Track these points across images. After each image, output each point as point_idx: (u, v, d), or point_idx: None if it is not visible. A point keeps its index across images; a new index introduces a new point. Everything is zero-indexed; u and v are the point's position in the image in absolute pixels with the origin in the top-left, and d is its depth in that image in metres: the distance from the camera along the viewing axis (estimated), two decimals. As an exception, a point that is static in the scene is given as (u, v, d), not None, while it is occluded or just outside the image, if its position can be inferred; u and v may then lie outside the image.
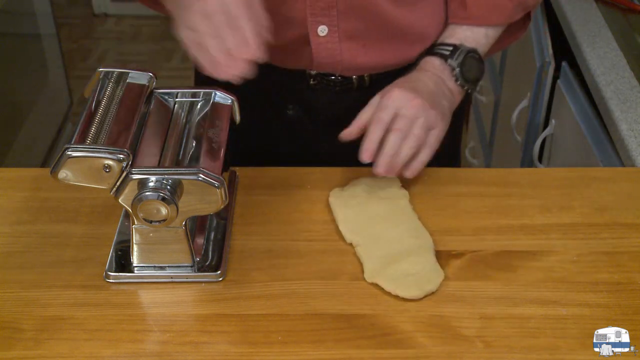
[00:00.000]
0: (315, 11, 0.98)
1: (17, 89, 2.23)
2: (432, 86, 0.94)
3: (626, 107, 1.25)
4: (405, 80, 0.94)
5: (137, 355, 0.76)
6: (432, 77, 0.96)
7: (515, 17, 1.02)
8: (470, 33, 1.00)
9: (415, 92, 0.90)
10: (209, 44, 0.80)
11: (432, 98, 0.91)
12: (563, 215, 0.93)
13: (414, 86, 0.92)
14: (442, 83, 0.96)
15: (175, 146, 0.84)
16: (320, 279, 0.84)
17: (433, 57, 0.98)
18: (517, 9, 1.01)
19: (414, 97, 0.90)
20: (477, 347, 0.76)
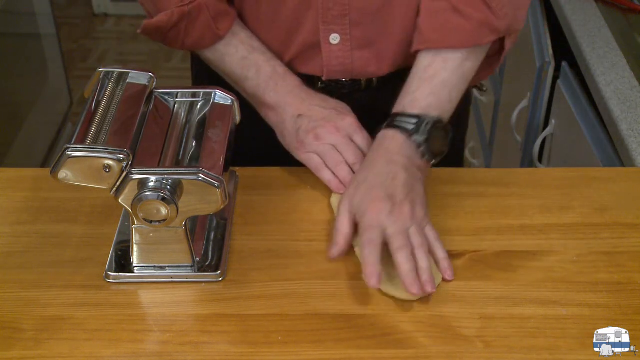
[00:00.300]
0: (327, 19, 0.97)
1: (17, 89, 2.23)
2: (404, 177, 0.87)
3: (626, 107, 1.25)
4: (376, 184, 0.86)
5: (137, 355, 0.76)
6: (400, 161, 0.88)
7: (480, 40, 0.93)
8: (434, 99, 0.91)
9: (393, 201, 0.84)
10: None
11: (409, 194, 0.86)
12: (563, 215, 0.93)
13: (389, 191, 0.85)
14: (410, 164, 0.88)
15: (175, 146, 0.84)
16: (320, 279, 0.84)
17: (396, 133, 0.90)
18: (480, 30, 0.92)
19: (394, 209, 0.84)
20: (477, 347, 0.76)
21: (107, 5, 3.61)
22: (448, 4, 0.92)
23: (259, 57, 1.00)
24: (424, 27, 0.93)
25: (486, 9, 0.91)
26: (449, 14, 0.92)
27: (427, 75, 0.92)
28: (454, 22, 0.92)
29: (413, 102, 0.91)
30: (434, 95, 0.91)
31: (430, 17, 0.93)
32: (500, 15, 0.91)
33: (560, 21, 1.60)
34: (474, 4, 0.91)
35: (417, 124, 0.89)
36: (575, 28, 1.51)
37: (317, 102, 0.98)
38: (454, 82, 0.92)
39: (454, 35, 0.92)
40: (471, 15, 0.91)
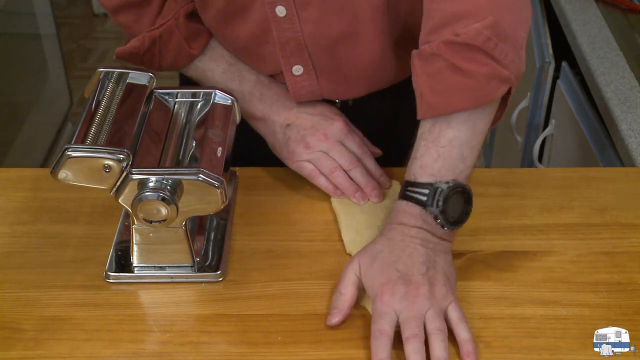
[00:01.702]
0: (286, 53, 0.96)
1: (17, 89, 2.23)
2: (423, 253, 0.79)
3: (626, 107, 1.25)
4: (391, 261, 0.79)
5: (137, 356, 0.76)
6: (418, 234, 0.81)
7: (492, 95, 0.82)
8: (444, 162, 0.81)
9: (408, 282, 0.77)
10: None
11: (428, 272, 0.78)
12: (563, 215, 0.93)
13: (404, 271, 0.78)
14: (430, 236, 0.81)
15: (175, 146, 0.84)
16: (320, 279, 0.84)
17: (410, 205, 0.82)
18: (489, 85, 0.81)
19: (409, 292, 0.77)
20: (477, 347, 0.76)
21: (107, 5, 3.60)
22: (446, 63, 0.81)
23: (242, 67, 1.00)
24: (426, 92, 0.82)
25: (490, 61, 0.80)
26: (449, 74, 0.81)
27: (432, 137, 0.82)
28: (457, 81, 0.81)
29: (422, 168, 0.82)
30: (443, 158, 0.81)
31: (430, 81, 0.82)
32: (506, 64, 0.81)
33: (560, 21, 1.60)
34: (475, 59, 0.80)
35: (430, 194, 0.80)
36: (575, 28, 1.51)
37: (304, 109, 0.98)
38: (463, 139, 0.82)
39: (461, 96, 0.81)
40: (474, 70, 0.80)
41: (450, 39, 0.80)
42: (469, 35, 0.80)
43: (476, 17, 0.80)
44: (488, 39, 0.80)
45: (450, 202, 0.80)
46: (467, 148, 0.82)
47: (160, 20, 0.97)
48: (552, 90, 1.61)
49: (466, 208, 0.82)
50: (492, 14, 0.80)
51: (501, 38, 0.80)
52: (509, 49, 0.81)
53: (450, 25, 0.81)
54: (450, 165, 0.81)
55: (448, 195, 0.80)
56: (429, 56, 0.82)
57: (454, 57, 0.80)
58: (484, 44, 0.80)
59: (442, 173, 0.81)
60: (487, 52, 0.80)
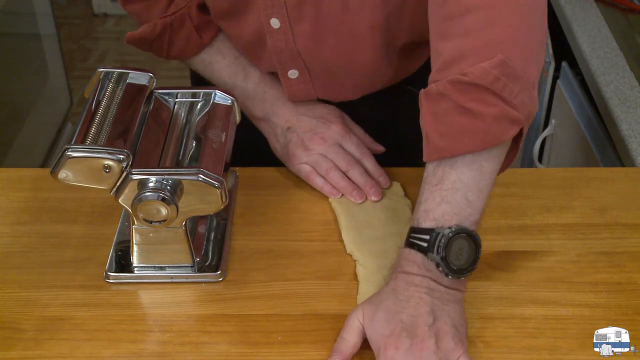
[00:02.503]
0: (282, 59, 0.96)
1: (17, 89, 2.23)
2: (429, 303, 0.74)
3: (626, 107, 1.25)
4: (395, 312, 0.74)
5: (137, 356, 0.76)
6: (422, 283, 0.76)
7: (502, 136, 0.77)
8: (447, 206, 0.76)
9: (413, 335, 0.72)
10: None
11: (434, 325, 0.73)
12: (563, 215, 0.93)
13: (409, 323, 0.73)
14: (434, 286, 0.76)
15: (175, 146, 0.84)
16: (320, 279, 0.84)
17: (413, 253, 0.77)
18: (498, 126, 0.76)
19: (414, 346, 0.72)
20: (477, 347, 0.76)
21: (107, 5, 3.61)
22: (453, 104, 0.76)
23: (247, 63, 1.00)
24: (432, 134, 0.78)
25: (498, 101, 0.75)
26: (456, 116, 0.76)
27: (436, 180, 0.78)
28: (465, 122, 0.76)
29: (426, 212, 0.77)
30: (447, 202, 0.76)
31: (436, 123, 0.78)
32: (516, 104, 0.76)
33: (560, 21, 1.60)
34: (483, 99, 0.76)
35: (431, 240, 0.75)
36: (575, 28, 1.51)
37: (303, 111, 0.99)
38: (468, 182, 0.77)
39: (468, 139, 0.76)
40: (482, 112, 0.76)
41: (457, 79, 0.76)
42: (476, 74, 0.75)
43: (484, 55, 0.75)
44: (497, 79, 0.75)
45: (453, 248, 0.75)
46: (474, 191, 0.77)
47: (173, 9, 0.98)
48: (552, 90, 1.61)
49: (473, 255, 0.76)
50: (502, 52, 0.75)
51: (511, 78, 0.76)
52: (519, 89, 0.76)
53: (458, 64, 0.76)
54: (454, 209, 0.76)
55: (450, 241, 0.75)
56: (435, 96, 0.78)
57: (461, 97, 0.76)
58: (492, 84, 0.75)
59: (445, 218, 0.76)
60: (495, 92, 0.75)
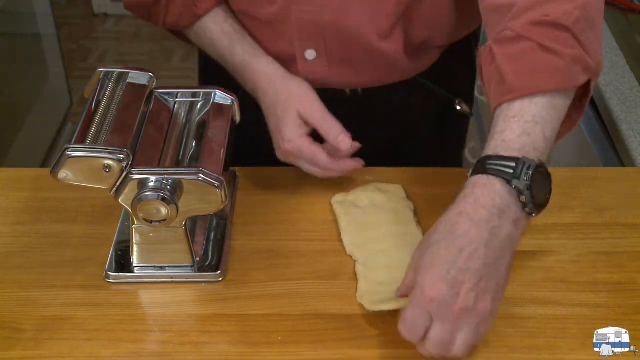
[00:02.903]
0: (302, 36, 0.96)
1: (17, 89, 2.23)
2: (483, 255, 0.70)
3: (626, 107, 1.25)
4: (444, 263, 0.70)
5: (137, 355, 0.76)
6: (488, 224, 0.71)
7: (576, 80, 0.77)
8: (528, 138, 0.74)
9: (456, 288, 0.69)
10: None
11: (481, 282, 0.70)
12: (563, 215, 0.93)
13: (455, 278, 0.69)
14: (500, 225, 0.71)
15: (175, 146, 0.84)
16: (320, 279, 0.84)
17: (492, 179, 0.73)
18: (574, 68, 0.77)
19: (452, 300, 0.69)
20: (477, 347, 0.76)
21: (107, 5, 3.61)
22: (532, 44, 0.76)
23: (240, 37, 0.99)
24: (508, 74, 0.77)
25: (577, 45, 0.76)
26: (536, 54, 0.76)
27: (513, 113, 0.75)
28: (544, 61, 0.76)
29: (505, 142, 0.74)
30: (527, 134, 0.74)
31: (512, 63, 0.77)
32: (590, 51, 0.77)
33: (560, 21, 1.60)
34: (563, 40, 0.76)
35: (517, 168, 0.72)
36: (575, 28, 1.50)
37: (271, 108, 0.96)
38: (546, 118, 0.75)
39: (546, 77, 0.76)
40: (562, 51, 0.76)
41: (539, 19, 0.77)
42: (559, 14, 0.76)
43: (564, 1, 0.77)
44: (578, 20, 0.76)
45: (536, 180, 0.72)
46: (549, 129, 0.75)
47: None
48: (552, 90, 1.61)
49: (548, 194, 0.74)
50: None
51: (589, 24, 0.77)
52: (594, 37, 0.78)
53: (540, 6, 0.77)
54: (534, 142, 0.74)
55: (535, 172, 0.72)
56: (511, 39, 0.78)
57: (542, 37, 0.76)
58: (573, 25, 0.76)
59: (526, 149, 0.73)
60: (575, 34, 0.76)
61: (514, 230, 0.72)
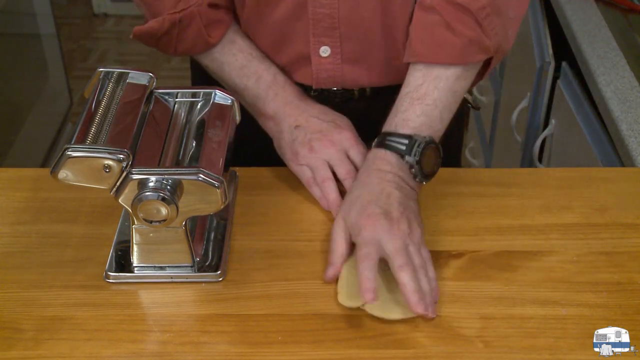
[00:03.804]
0: (317, 31, 0.96)
1: (17, 89, 2.23)
2: (398, 195, 0.85)
3: (626, 107, 1.25)
4: (371, 200, 0.84)
5: (137, 355, 0.76)
6: (393, 179, 0.87)
7: (470, 58, 0.91)
8: (425, 119, 0.89)
9: (390, 218, 0.82)
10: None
11: (405, 212, 0.84)
12: (563, 215, 0.93)
13: (385, 208, 0.83)
14: (403, 183, 0.87)
15: (175, 146, 0.84)
16: (320, 279, 0.84)
17: (388, 153, 0.88)
18: (470, 48, 0.89)
19: (392, 226, 0.81)
20: (477, 347, 0.76)
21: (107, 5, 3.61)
22: (440, 19, 0.89)
23: (259, 66, 1.00)
24: (414, 39, 0.91)
25: (477, 27, 0.89)
26: (440, 29, 0.89)
27: (419, 95, 0.90)
28: (444, 37, 0.89)
29: (404, 121, 0.89)
30: (426, 116, 0.89)
31: (421, 30, 0.91)
32: (490, 35, 0.89)
33: (560, 21, 1.60)
34: (466, 21, 0.88)
35: (409, 145, 0.87)
36: (575, 28, 1.51)
37: (315, 114, 0.98)
38: (445, 102, 0.90)
39: (443, 51, 0.89)
40: (462, 32, 0.89)
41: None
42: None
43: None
44: (483, 7, 0.88)
45: (425, 154, 0.88)
46: (447, 111, 0.91)
47: (183, 5, 0.96)
48: (552, 90, 1.61)
49: (438, 164, 0.90)
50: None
51: (495, 10, 0.89)
52: (498, 22, 0.89)
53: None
54: (430, 122, 0.89)
55: (425, 148, 0.87)
56: (427, 8, 0.90)
57: (449, 15, 0.89)
58: (477, 11, 0.88)
59: (422, 129, 0.89)
60: (477, 19, 0.88)
61: (412, 190, 0.88)
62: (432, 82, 0.90)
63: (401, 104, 0.90)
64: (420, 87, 0.90)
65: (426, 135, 0.88)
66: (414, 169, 0.88)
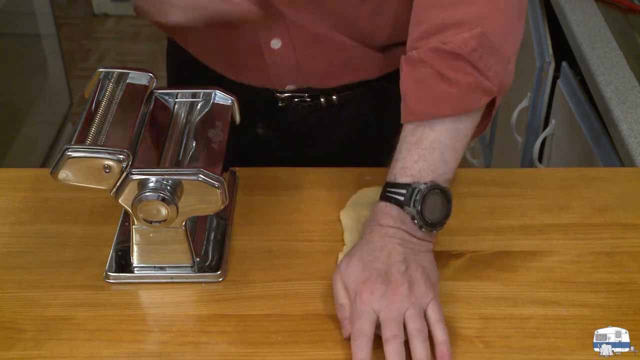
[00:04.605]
0: (264, 26, 0.96)
1: (17, 89, 2.23)
2: (401, 252, 0.79)
3: (626, 107, 1.25)
4: (370, 261, 0.78)
5: (137, 356, 0.76)
6: (396, 234, 0.80)
7: (473, 104, 0.83)
8: (424, 163, 0.81)
9: (387, 281, 0.77)
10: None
11: (407, 272, 0.78)
12: (563, 215, 0.93)
13: (383, 270, 0.77)
14: (408, 236, 0.80)
15: (175, 146, 0.84)
16: (321, 279, 0.84)
17: (389, 206, 0.81)
18: (470, 95, 0.83)
19: (388, 291, 0.76)
20: (477, 347, 0.76)
21: (107, 5, 3.61)
22: (432, 71, 0.82)
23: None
24: (410, 98, 0.84)
25: (474, 71, 0.82)
26: (434, 82, 0.82)
27: (415, 139, 0.83)
28: (441, 89, 0.82)
29: (403, 169, 0.82)
30: (424, 160, 0.82)
31: (415, 88, 0.84)
32: (489, 76, 0.82)
33: (560, 21, 1.60)
34: (460, 68, 0.82)
35: (407, 194, 0.80)
36: (575, 28, 1.51)
37: None
38: (446, 143, 0.82)
39: (443, 104, 0.82)
40: (458, 79, 0.82)
41: (438, 47, 0.81)
42: (456, 44, 0.81)
43: (466, 28, 0.81)
44: (474, 49, 0.81)
45: (427, 202, 0.80)
46: (450, 151, 0.83)
47: None
48: (552, 90, 1.61)
49: (446, 210, 0.82)
50: (482, 25, 0.81)
51: (488, 50, 0.81)
52: (495, 61, 0.82)
53: (440, 33, 0.82)
54: (430, 167, 0.82)
55: (425, 196, 0.80)
56: (416, 62, 0.83)
57: (440, 65, 0.82)
58: (469, 54, 0.81)
59: (422, 174, 0.81)
60: (471, 62, 0.81)
61: (421, 242, 0.81)
62: (427, 124, 0.83)
63: (399, 150, 0.84)
64: (416, 129, 0.83)
65: (428, 181, 0.81)
66: (417, 219, 0.80)
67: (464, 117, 0.83)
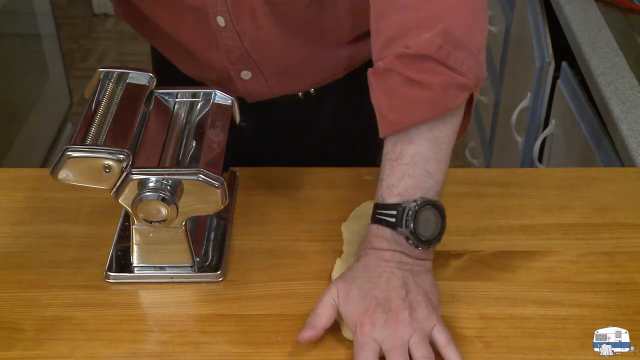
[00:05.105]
0: (232, 60, 0.97)
1: (17, 89, 2.23)
2: (400, 276, 0.77)
3: (626, 107, 1.25)
4: (369, 288, 0.76)
5: (137, 355, 0.76)
6: (392, 258, 0.77)
7: (450, 104, 0.79)
8: (409, 180, 0.78)
9: (388, 309, 0.74)
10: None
11: (407, 297, 0.75)
12: (563, 215, 0.93)
13: (383, 298, 0.75)
14: (406, 257, 0.78)
15: (175, 146, 0.84)
16: (320, 279, 0.84)
17: (381, 228, 0.78)
18: (445, 94, 0.78)
19: (390, 319, 0.74)
20: (477, 347, 0.76)
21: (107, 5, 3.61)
22: (401, 78, 0.78)
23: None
24: (383, 108, 0.80)
25: (445, 70, 0.77)
26: (405, 88, 0.78)
27: (395, 155, 0.79)
28: (413, 95, 0.78)
29: (389, 188, 0.78)
30: (408, 177, 0.78)
31: (386, 98, 0.80)
32: (462, 71, 0.78)
33: (560, 21, 1.60)
34: (429, 69, 0.77)
35: (398, 215, 0.77)
36: (575, 28, 1.51)
37: None
38: (427, 155, 0.78)
39: (419, 109, 0.78)
40: (430, 82, 0.78)
41: (402, 52, 0.78)
42: (420, 45, 0.77)
43: (426, 27, 0.78)
44: (440, 47, 0.77)
45: (420, 220, 0.76)
46: (433, 163, 0.79)
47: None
48: (552, 90, 1.61)
49: (440, 224, 0.78)
50: (443, 22, 0.77)
51: (454, 45, 0.78)
52: (465, 55, 0.78)
53: (401, 38, 0.78)
54: (416, 182, 0.78)
55: (417, 214, 0.76)
56: (383, 72, 0.80)
57: (408, 70, 0.78)
58: (436, 53, 0.77)
59: (409, 192, 0.78)
60: (440, 61, 0.77)
61: (419, 261, 0.78)
62: (404, 137, 0.79)
63: (383, 169, 0.80)
64: (395, 145, 0.79)
65: (417, 197, 0.77)
66: (411, 239, 0.77)
67: (441, 124, 0.79)
